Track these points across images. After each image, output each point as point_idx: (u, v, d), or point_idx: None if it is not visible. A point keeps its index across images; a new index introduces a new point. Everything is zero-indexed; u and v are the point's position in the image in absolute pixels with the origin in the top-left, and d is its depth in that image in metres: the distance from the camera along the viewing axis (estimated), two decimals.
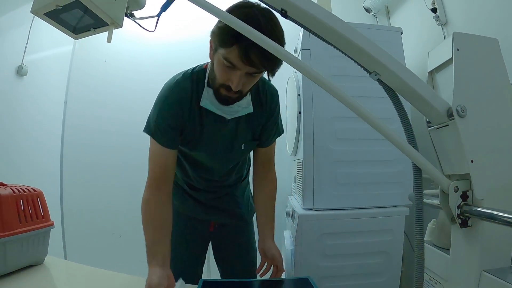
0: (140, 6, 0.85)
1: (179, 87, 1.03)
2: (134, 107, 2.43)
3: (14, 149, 2.05)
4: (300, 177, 1.71)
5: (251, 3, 0.84)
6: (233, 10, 0.82)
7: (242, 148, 1.15)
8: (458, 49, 0.72)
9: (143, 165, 2.31)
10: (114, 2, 0.73)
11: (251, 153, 1.26)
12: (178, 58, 2.47)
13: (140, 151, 2.38)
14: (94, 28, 0.77)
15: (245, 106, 1.04)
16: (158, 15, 0.83)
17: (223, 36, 0.84)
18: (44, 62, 2.30)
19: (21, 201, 0.98)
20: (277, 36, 0.83)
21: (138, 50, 2.51)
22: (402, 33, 1.75)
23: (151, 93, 2.38)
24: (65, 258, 2.21)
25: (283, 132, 1.23)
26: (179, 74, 1.07)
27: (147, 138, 1.07)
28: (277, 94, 1.17)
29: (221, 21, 0.84)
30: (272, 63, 0.85)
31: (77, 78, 2.43)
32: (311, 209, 1.62)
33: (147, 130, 1.06)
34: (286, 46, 0.86)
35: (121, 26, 0.78)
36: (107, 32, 0.78)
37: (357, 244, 1.61)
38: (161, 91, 1.07)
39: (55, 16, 0.68)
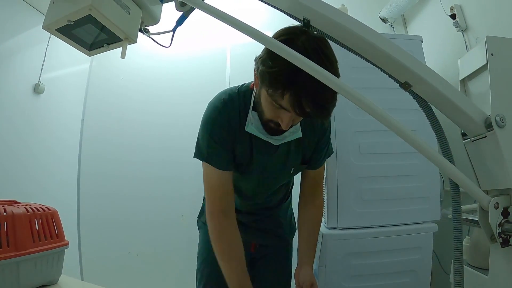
0: (155, 21, 0.84)
1: (227, 107, 0.98)
2: (151, 121, 2.45)
3: (34, 166, 2.08)
4: (323, 195, 1.65)
5: (296, 33, 0.74)
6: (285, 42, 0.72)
7: (291, 172, 1.12)
8: (492, 54, 0.68)
9: (159, 179, 2.31)
10: (127, 16, 0.71)
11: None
12: (194, 72, 2.49)
13: (155, 164, 2.42)
14: (108, 44, 0.75)
15: (293, 131, 0.96)
16: (174, 30, 0.82)
17: (272, 82, 0.76)
18: (61, 80, 2.33)
19: (35, 220, 0.96)
20: (334, 72, 0.74)
21: (155, 65, 2.52)
22: (422, 41, 1.70)
23: (167, 108, 2.43)
24: (82, 277, 2.19)
25: (332, 153, 1.18)
26: (224, 93, 1.02)
27: (165, 152, 1.04)
28: None
29: (269, 63, 0.75)
30: (326, 111, 0.76)
31: (95, 95, 2.44)
32: (335, 228, 1.56)
33: (200, 156, 1.01)
34: None
35: (135, 42, 0.77)
36: (121, 48, 0.77)
37: (384, 263, 1.54)
38: (207, 112, 1.02)
39: (67, 32, 0.67)
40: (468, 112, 0.60)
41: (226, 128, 0.98)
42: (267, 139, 0.95)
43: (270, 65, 0.75)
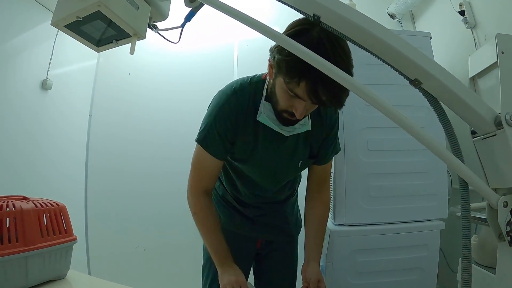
0: (164, 17, 0.83)
1: (236, 96, 1.00)
2: (159, 117, 2.45)
3: (41, 162, 2.10)
4: (330, 191, 1.65)
5: (311, 23, 0.76)
6: (295, 35, 0.73)
7: (298, 166, 1.12)
8: (503, 52, 0.67)
9: (166, 175, 2.32)
10: (136, 12, 0.71)
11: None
12: (202, 68, 2.49)
13: (163, 160, 2.43)
14: (117, 40, 0.75)
15: (303, 123, 0.97)
16: (182, 26, 0.82)
17: (288, 70, 0.78)
18: (69, 76, 2.35)
19: (43, 215, 0.97)
20: (347, 66, 0.76)
21: (162, 61, 2.52)
22: (431, 38, 1.68)
23: (175, 104, 2.44)
24: (89, 272, 2.21)
25: (340, 150, 1.18)
26: (235, 82, 1.04)
27: (173, 148, 1.05)
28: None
29: (285, 51, 0.77)
30: (341, 99, 0.78)
31: (102, 91, 2.44)
32: (342, 225, 1.56)
33: (198, 139, 1.04)
34: None
35: (144, 38, 0.77)
36: (129, 44, 0.77)
37: (390, 260, 1.54)
38: (216, 98, 1.04)
39: (76, 28, 0.67)
40: (478, 110, 0.59)
41: (230, 118, 0.99)
42: (279, 129, 0.96)
43: (286, 53, 0.76)
